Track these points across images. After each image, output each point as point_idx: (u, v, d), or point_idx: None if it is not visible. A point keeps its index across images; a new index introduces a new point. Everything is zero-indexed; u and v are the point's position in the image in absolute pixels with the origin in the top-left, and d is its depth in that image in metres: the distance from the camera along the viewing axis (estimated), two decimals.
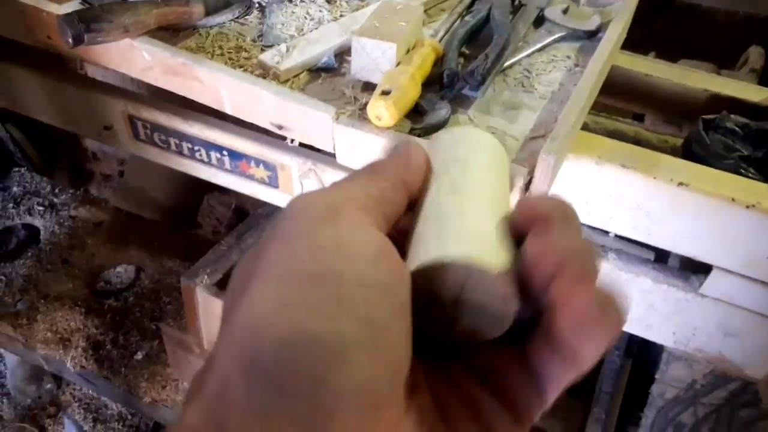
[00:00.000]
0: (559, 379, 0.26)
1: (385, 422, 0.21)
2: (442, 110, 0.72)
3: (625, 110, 0.98)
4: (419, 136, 0.69)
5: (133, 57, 0.77)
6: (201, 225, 1.74)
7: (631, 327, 0.87)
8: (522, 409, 0.27)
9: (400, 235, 0.29)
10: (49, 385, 1.66)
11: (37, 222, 1.70)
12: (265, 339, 0.21)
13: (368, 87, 0.74)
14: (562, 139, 0.64)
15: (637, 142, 0.84)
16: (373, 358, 0.21)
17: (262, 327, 0.21)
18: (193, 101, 0.78)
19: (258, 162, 0.91)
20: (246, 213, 1.66)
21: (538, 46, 0.83)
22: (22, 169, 1.79)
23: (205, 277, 1.03)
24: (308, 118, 0.69)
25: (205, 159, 0.94)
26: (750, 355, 0.83)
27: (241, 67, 0.75)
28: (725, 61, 1.08)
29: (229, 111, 0.74)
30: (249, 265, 0.25)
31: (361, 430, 0.20)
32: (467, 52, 0.81)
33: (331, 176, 0.89)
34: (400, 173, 0.29)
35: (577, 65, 0.81)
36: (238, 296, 0.24)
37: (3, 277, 1.57)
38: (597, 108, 0.96)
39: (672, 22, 1.29)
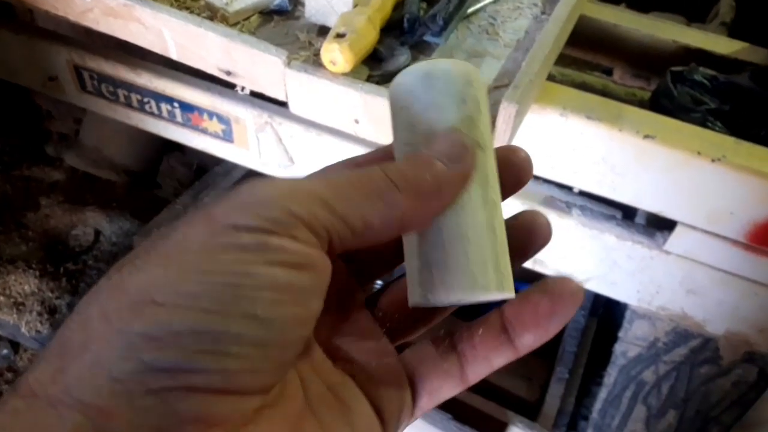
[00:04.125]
0: (436, 391, 0.28)
1: (243, 409, 0.21)
2: (402, 56, 0.68)
3: (594, 64, 0.96)
4: (377, 83, 0.66)
5: None
6: (161, 186, 1.68)
7: (595, 285, 0.86)
8: (388, 411, 0.27)
9: None
10: (5, 351, 1.61)
11: None
12: (149, 316, 0.20)
13: (324, 31, 0.70)
14: (524, 87, 0.61)
15: (605, 94, 0.81)
16: (256, 356, 0.21)
17: (148, 305, 0.21)
18: (149, 54, 0.73)
19: (211, 114, 0.86)
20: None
21: None
22: None
23: None
24: (258, 63, 0.65)
25: (155, 111, 0.90)
26: (711, 312, 0.82)
27: (187, 9, 0.71)
28: (696, 13, 1.05)
29: (174, 56, 0.69)
30: (169, 232, 0.23)
31: (216, 415, 0.20)
32: None
33: (288, 129, 0.85)
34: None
35: (543, 13, 0.78)
36: (143, 259, 0.22)
37: None
38: (565, 61, 0.93)
39: None
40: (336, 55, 0.61)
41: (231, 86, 0.81)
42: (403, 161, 0.26)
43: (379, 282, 0.33)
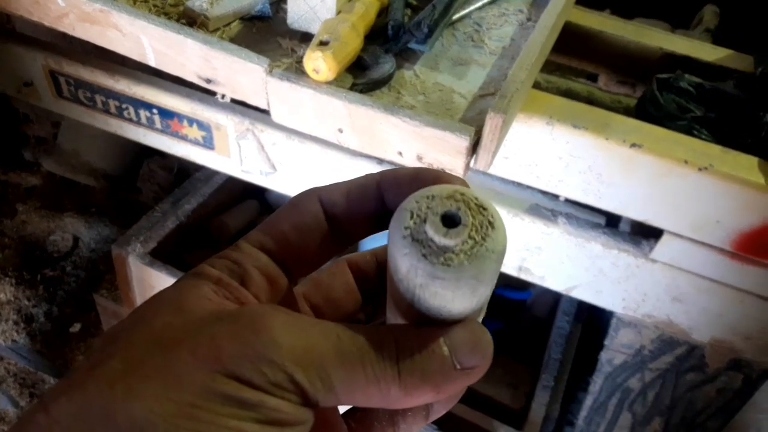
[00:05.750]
0: None
1: None
2: (387, 64, 0.67)
3: (579, 70, 0.95)
4: (361, 91, 0.65)
5: (46, 2, 0.69)
6: (141, 190, 1.65)
7: (580, 293, 0.86)
8: None
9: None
10: None
11: None
12: None
13: (307, 38, 0.69)
14: (511, 96, 0.60)
15: (590, 101, 0.81)
16: None
17: None
18: (128, 59, 0.71)
19: (191, 121, 0.85)
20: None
21: None
22: None
23: (138, 245, 0.97)
24: (239, 71, 0.63)
25: (134, 118, 0.88)
26: (697, 320, 0.82)
27: (166, 15, 0.69)
28: (680, 20, 1.05)
29: (152, 63, 0.68)
30: (162, 331, 0.23)
31: None
32: (414, 2, 0.76)
33: (270, 137, 0.83)
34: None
35: (529, 19, 0.77)
36: (138, 377, 0.22)
37: None
38: (550, 67, 0.93)
39: None
40: (319, 63, 0.60)
41: (212, 92, 0.79)
42: (416, 347, 0.25)
43: None
